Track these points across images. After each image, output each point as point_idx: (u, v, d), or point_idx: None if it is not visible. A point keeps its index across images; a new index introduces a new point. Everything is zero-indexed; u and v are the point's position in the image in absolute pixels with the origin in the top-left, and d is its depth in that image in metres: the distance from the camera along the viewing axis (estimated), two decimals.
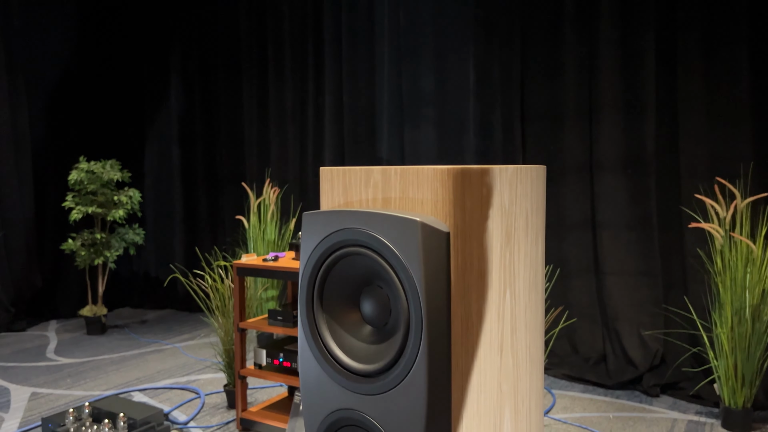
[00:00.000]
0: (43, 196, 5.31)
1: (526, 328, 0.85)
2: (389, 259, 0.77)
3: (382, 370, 0.78)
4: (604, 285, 3.67)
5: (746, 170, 3.24)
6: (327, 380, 0.81)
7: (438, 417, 0.75)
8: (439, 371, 0.75)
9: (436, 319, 0.75)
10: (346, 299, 0.83)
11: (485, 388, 0.79)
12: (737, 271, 2.88)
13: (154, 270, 5.79)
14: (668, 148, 3.50)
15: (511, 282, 0.83)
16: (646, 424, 3.01)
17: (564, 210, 3.82)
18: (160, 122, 5.65)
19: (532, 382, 0.86)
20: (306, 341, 0.85)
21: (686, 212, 3.40)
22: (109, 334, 4.80)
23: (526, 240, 0.84)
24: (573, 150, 3.77)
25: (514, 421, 0.83)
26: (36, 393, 3.52)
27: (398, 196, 0.78)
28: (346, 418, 0.83)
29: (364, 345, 0.81)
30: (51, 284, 5.40)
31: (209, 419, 3.12)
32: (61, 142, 5.42)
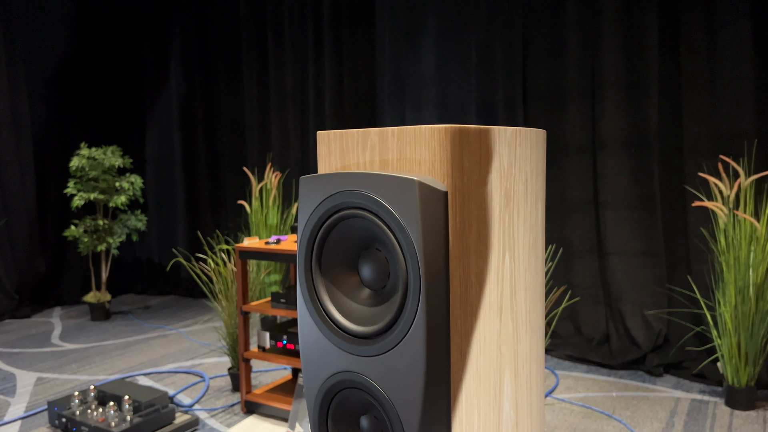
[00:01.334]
0: (44, 183, 5.32)
1: (525, 292, 0.85)
2: (387, 220, 0.76)
3: (380, 332, 0.78)
4: (607, 265, 3.67)
5: (750, 148, 3.22)
6: (326, 344, 0.81)
7: (437, 377, 0.75)
8: (438, 331, 0.75)
9: (435, 279, 0.74)
10: (345, 263, 0.83)
11: (485, 350, 0.79)
12: (741, 249, 2.87)
13: (157, 256, 5.80)
14: (671, 127, 3.48)
15: (511, 245, 0.82)
16: (649, 403, 3.02)
17: (566, 190, 3.80)
18: (161, 108, 5.63)
19: (533, 346, 0.86)
20: (305, 305, 0.84)
21: (689, 191, 3.39)
22: (113, 320, 4.82)
23: (525, 203, 0.83)
24: (575, 130, 3.75)
25: (515, 384, 0.83)
26: (41, 378, 3.54)
27: (396, 157, 0.77)
28: (346, 381, 0.82)
29: (362, 308, 0.81)
30: (54, 271, 5.42)
31: (214, 402, 3.14)
32: (62, 128, 5.41)
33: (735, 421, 2.79)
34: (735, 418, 2.82)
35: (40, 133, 5.27)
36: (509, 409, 0.82)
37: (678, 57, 3.42)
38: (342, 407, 0.84)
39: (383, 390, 0.75)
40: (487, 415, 0.80)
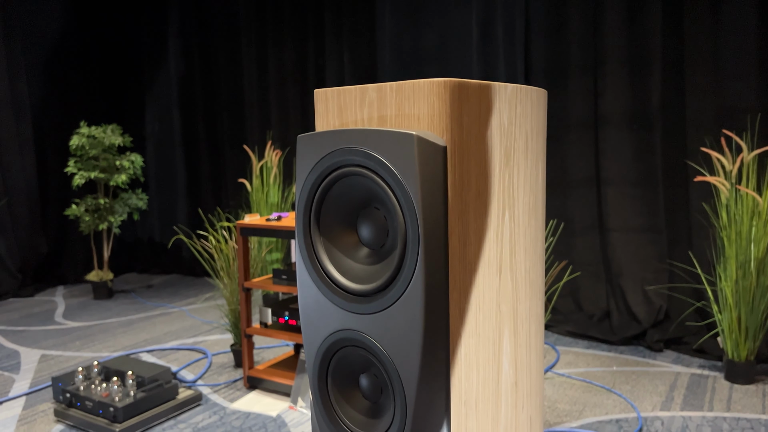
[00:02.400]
0: (45, 162, 5.31)
1: (525, 252, 0.84)
2: (385, 176, 0.75)
3: (379, 289, 0.78)
4: (608, 242, 3.66)
5: (753, 123, 3.20)
6: (325, 303, 0.81)
7: (436, 333, 0.74)
8: (436, 288, 0.75)
9: (433, 235, 0.74)
10: (343, 222, 0.82)
11: (483, 308, 0.79)
12: (743, 224, 2.87)
13: (158, 235, 5.81)
14: (674, 103, 3.45)
15: (511, 204, 0.81)
16: (649, 377, 3.04)
17: (568, 167, 3.79)
18: (160, 86, 5.60)
19: (532, 307, 0.86)
20: (304, 265, 0.84)
21: (692, 167, 3.37)
22: (115, 299, 4.84)
23: (525, 163, 0.82)
24: (577, 106, 3.72)
25: (514, 344, 0.83)
26: (45, 355, 3.56)
27: (394, 113, 0.76)
28: (345, 339, 0.82)
29: (361, 266, 0.81)
30: (56, 250, 5.43)
31: (217, 378, 3.16)
32: (61, 107, 5.39)
33: (734, 395, 2.81)
34: (734, 392, 2.84)
35: (39, 112, 5.25)
36: (508, 368, 0.82)
37: (681, 31, 3.39)
38: (341, 366, 0.84)
39: (382, 347, 0.75)
40: (486, 373, 0.80)
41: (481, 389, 0.80)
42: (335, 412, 0.83)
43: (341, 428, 0.82)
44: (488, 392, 0.80)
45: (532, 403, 0.87)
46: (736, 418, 2.58)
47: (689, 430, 2.49)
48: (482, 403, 0.81)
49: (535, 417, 0.89)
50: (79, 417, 2.60)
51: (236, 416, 2.71)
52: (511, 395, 0.83)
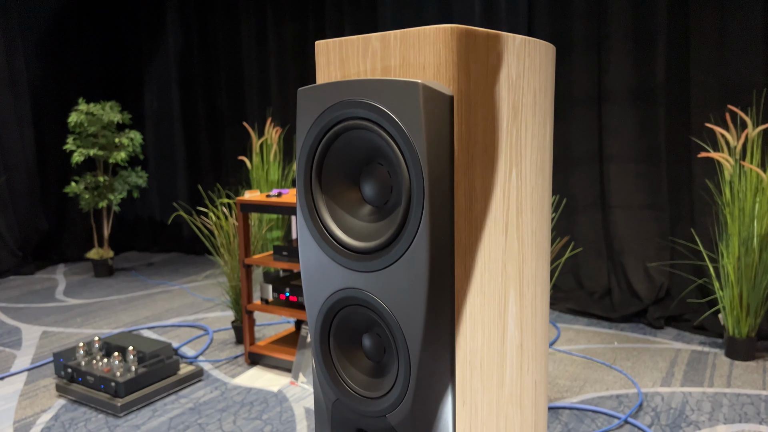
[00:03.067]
0: (43, 140, 5.28)
1: (532, 211, 0.82)
2: (388, 128, 0.73)
3: (383, 246, 0.76)
4: (610, 219, 3.65)
5: (759, 98, 3.16)
6: (327, 262, 0.79)
7: (440, 290, 0.73)
8: (442, 244, 0.73)
9: (439, 189, 0.71)
10: (346, 179, 0.80)
11: (489, 267, 0.77)
12: (746, 201, 2.85)
13: (158, 213, 5.79)
14: (679, 79, 3.41)
15: (518, 161, 0.79)
16: (649, 354, 3.04)
17: (571, 143, 3.76)
18: (159, 63, 5.54)
19: (538, 268, 0.84)
20: (305, 224, 0.82)
21: (695, 144, 3.34)
22: (116, 277, 4.84)
23: (533, 120, 0.80)
24: (581, 81, 3.68)
25: (519, 305, 0.81)
26: (47, 332, 3.57)
27: (398, 63, 0.74)
28: (348, 298, 0.81)
29: (364, 224, 0.79)
30: (56, 228, 5.42)
31: (218, 354, 3.16)
32: (59, 84, 5.34)
33: (735, 371, 2.81)
34: (735, 368, 2.84)
35: (37, 89, 5.20)
36: (514, 329, 0.80)
37: (686, 7, 3.34)
38: (344, 326, 0.82)
39: (386, 305, 0.73)
40: (491, 333, 0.79)
41: (486, 349, 0.78)
42: (338, 372, 0.82)
43: (344, 389, 0.81)
44: (493, 353, 0.79)
45: (537, 367, 0.86)
46: (736, 393, 2.58)
47: (689, 405, 2.49)
48: (487, 364, 0.79)
49: (540, 382, 0.88)
50: (81, 392, 2.61)
51: (237, 391, 2.72)
52: (516, 357, 0.82)
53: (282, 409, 2.54)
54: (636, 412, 2.44)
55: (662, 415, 2.41)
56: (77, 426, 2.43)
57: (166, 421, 2.46)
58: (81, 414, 2.53)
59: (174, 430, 2.38)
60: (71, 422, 2.46)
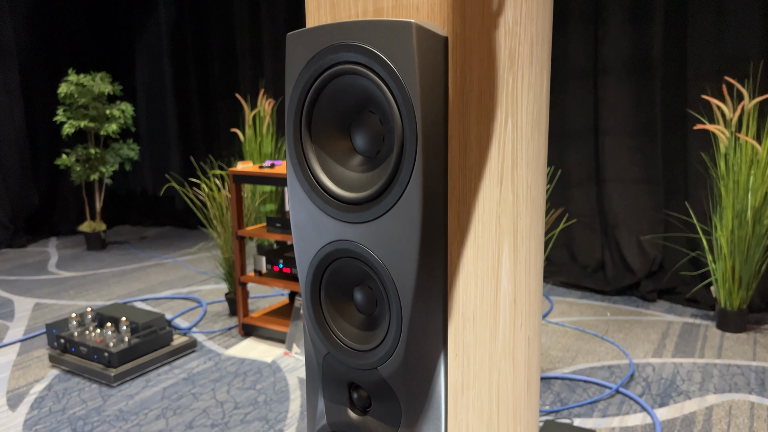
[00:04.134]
0: (33, 112, 5.21)
1: (527, 165, 0.81)
2: (380, 71, 0.71)
3: (375, 195, 0.74)
4: (604, 192, 3.64)
5: (756, 70, 3.14)
6: (317, 214, 0.78)
7: (433, 241, 0.72)
8: (434, 193, 0.71)
9: (432, 136, 0.70)
10: (336, 128, 0.78)
11: (483, 219, 0.76)
12: (741, 173, 2.84)
13: (151, 187, 5.75)
14: (675, 51, 3.38)
15: (514, 111, 0.78)
16: (642, 326, 3.06)
17: (566, 117, 3.74)
18: (149, 34, 5.45)
19: (533, 225, 0.83)
20: (295, 175, 0.80)
21: (691, 117, 3.32)
22: (109, 250, 4.82)
23: (530, 70, 0.78)
24: (577, 54, 3.65)
25: (513, 260, 0.80)
26: (39, 303, 3.56)
27: (391, 4, 0.72)
28: (338, 250, 0.79)
29: (355, 174, 0.77)
30: (48, 202, 5.38)
31: (211, 326, 3.17)
32: (49, 54, 5.25)
33: (725, 343, 2.83)
34: (726, 340, 2.86)
35: (25, 60, 5.12)
36: (507, 284, 0.79)
37: None
38: (335, 279, 0.81)
39: (377, 256, 0.72)
40: (485, 286, 0.78)
41: (479, 302, 0.78)
42: (329, 326, 0.81)
43: (335, 342, 0.80)
44: (486, 306, 0.78)
45: (530, 324, 0.85)
46: (726, 364, 2.61)
47: (680, 375, 2.51)
48: (480, 317, 0.79)
49: (533, 338, 0.87)
50: (74, 362, 2.61)
51: (231, 362, 2.72)
52: (509, 312, 0.81)
53: (275, 379, 2.55)
54: (627, 382, 2.46)
55: (653, 385, 2.43)
56: (71, 395, 2.43)
57: (159, 390, 2.47)
58: (74, 384, 2.53)
59: (168, 400, 2.39)
60: (65, 392, 2.46)
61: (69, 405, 2.36)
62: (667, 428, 2.12)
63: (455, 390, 0.77)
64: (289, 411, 2.29)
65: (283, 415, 2.26)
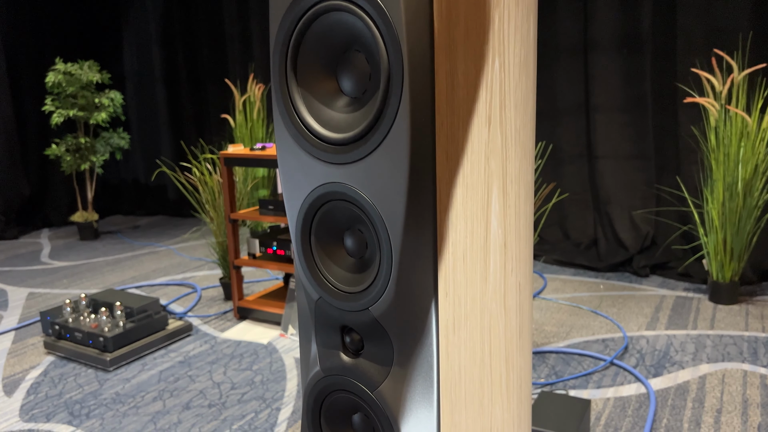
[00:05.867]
0: (21, 102, 5.16)
1: (515, 108, 0.81)
2: (364, 5, 0.70)
3: (362, 134, 0.74)
4: (596, 169, 3.65)
5: (745, 43, 3.14)
6: (305, 159, 0.77)
7: (422, 177, 0.71)
8: (422, 129, 0.71)
9: (419, 69, 0.69)
10: (322, 69, 0.78)
11: (471, 159, 0.76)
12: (731, 146, 2.85)
13: (142, 176, 5.73)
14: (665, 26, 3.37)
15: (501, 52, 0.77)
16: (635, 300, 3.08)
17: (557, 94, 3.73)
18: (137, 21, 5.40)
19: (522, 169, 0.83)
20: (281, 120, 0.80)
21: (681, 92, 3.33)
22: (102, 239, 4.81)
23: (516, 10, 0.78)
24: (566, 30, 3.64)
25: (503, 203, 0.80)
26: (33, 293, 3.55)
27: None
28: (328, 193, 0.79)
29: (342, 115, 0.77)
30: (39, 193, 5.35)
31: (206, 310, 3.17)
32: (35, 44, 5.20)
33: (718, 314, 2.86)
34: (718, 312, 2.89)
35: (12, 49, 5.06)
36: (497, 227, 0.79)
37: None
38: (325, 223, 0.81)
39: (366, 195, 0.72)
40: (474, 227, 0.78)
41: (469, 243, 0.78)
42: (320, 271, 0.81)
43: (326, 287, 0.81)
44: (476, 247, 0.78)
45: (521, 270, 0.85)
46: (719, 335, 2.63)
47: (673, 347, 2.54)
48: (470, 258, 0.79)
49: (525, 285, 0.87)
50: (69, 348, 2.61)
51: (227, 344, 2.73)
52: (500, 256, 0.81)
53: (272, 360, 2.55)
54: (621, 355, 2.48)
55: (647, 357, 2.45)
56: (67, 380, 2.43)
57: (156, 374, 2.47)
58: (70, 369, 2.53)
59: (164, 382, 2.39)
60: (61, 377, 2.46)
61: (65, 390, 2.36)
62: (661, 397, 2.14)
63: (446, 329, 0.77)
64: (286, 390, 2.30)
65: (280, 393, 2.27)
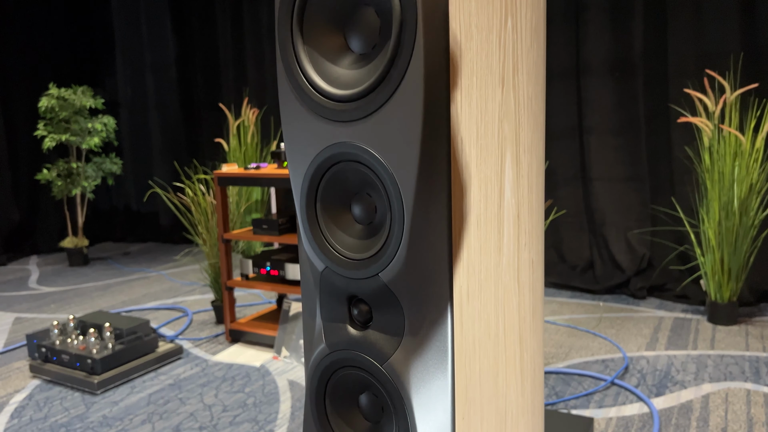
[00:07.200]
0: (13, 126, 5.13)
1: (527, 75, 0.78)
2: None
3: (372, 87, 0.70)
4: (591, 191, 3.65)
5: (736, 63, 3.18)
6: (312, 120, 0.73)
7: (436, 133, 0.67)
8: (436, 78, 0.67)
9: (432, 19, 0.66)
10: (329, 26, 0.75)
11: (485, 119, 0.72)
12: (725, 165, 2.86)
13: (134, 203, 5.68)
14: (656, 49, 3.41)
15: (514, 12, 0.75)
16: (633, 322, 3.04)
17: (550, 117, 3.75)
18: (132, 49, 5.43)
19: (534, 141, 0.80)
20: (287, 78, 0.77)
21: (674, 113, 3.35)
22: (91, 265, 4.73)
23: None
24: (559, 54, 3.68)
25: (516, 173, 0.77)
26: (20, 318, 3.47)
27: None
28: (336, 155, 0.75)
29: (350, 71, 0.73)
30: (29, 219, 5.29)
31: (197, 333, 3.10)
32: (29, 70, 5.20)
33: (718, 335, 2.82)
34: (718, 332, 2.85)
35: (5, 74, 5.06)
36: (510, 196, 0.76)
37: None
38: (332, 188, 0.77)
39: (377, 153, 0.68)
40: (488, 192, 0.74)
41: (483, 208, 0.74)
42: (325, 239, 0.77)
43: (332, 255, 0.76)
44: (490, 214, 0.75)
45: (533, 246, 0.82)
46: (720, 355, 2.59)
47: (674, 366, 2.49)
48: (484, 224, 0.75)
49: (537, 264, 0.84)
50: (56, 371, 2.53)
51: (219, 367, 2.66)
52: (513, 227, 0.78)
53: (265, 382, 2.49)
54: (622, 375, 2.43)
55: (648, 377, 2.41)
56: (52, 404, 2.35)
57: (145, 396, 2.39)
58: (56, 393, 2.45)
59: (154, 405, 2.31)
60: (46, 401, 2.38)
61: (51, 413, 2.28)
62: (665, 416, 2.09)
63: (460, 296, 0.73)
64: (280, 412, 2.23)
65: (273, 416, 2.20)
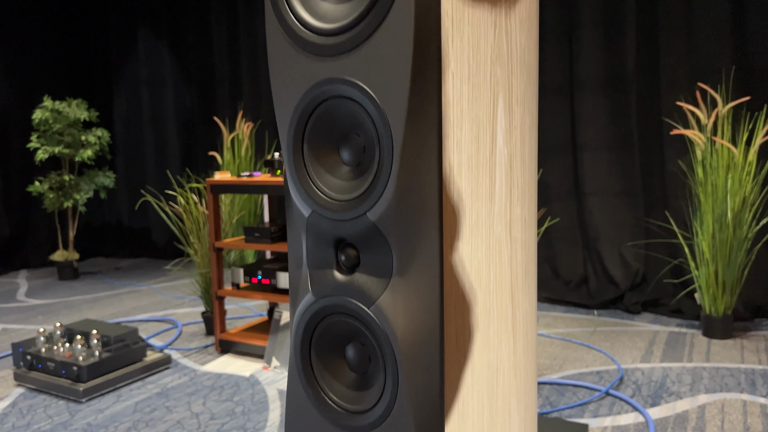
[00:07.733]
0: (7, 139, 5.12)
1: (520, 23, 0.76)
2: None
3: (361, 16, 0.67)
4: (584, 207, 3.64)
5: (728, 77, 3.20)
6: (300, 58, 0.71)
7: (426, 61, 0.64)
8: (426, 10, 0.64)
9: None
10: None
11: (477, 58, 0.70)
12: (718, 177, 2.86)
13: (126, 218, 5.65)
14: (649, 65, 3.45)
15: None
16: (628, 336, 3.01)
17: (543, 133, 3.77)
18: (128, 63, 5.45)
19: (527, 94, 0.78)
20: (273, 12, 0.75)
21: (667, 129, 3.37)
22: (82, 279, 4.68)
23: None
24: (552, 70, 3.70)
25: (508, 122, 0.75)
26: (6, 328, 3.41)
27: None
28: (325, 91, 0.72)
29: (337, 6, 0.70)
30: (19, 233, 5.24)
31: (187, 344, 3.05)
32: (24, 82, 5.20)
33: (713, 348, 2.80)
34: (713, 346, 2.83)
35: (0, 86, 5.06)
36: (503, 145, 0.74)
37: None
38: (318, 128, 0.74)
39: (366, 85, 0.65)
40: (480, 133, 0.72)
41: (474, 149, 0.72)
42: (312, 181, 0.74)
43: (318, 197, 0.74)
44: (482, 158, 0.73)
45: (526, 204, 0.80)
46: (715, 367, 2.56)
47: (670, 378, 2.46)
48: (476, 166, 0.73)
49: (530, 222, 0.82)
50: (41, 379, 2.48)
51: (207, 377, 2.61)
52: (505, 178, 0.76)
53: (254, 392, 2.44)
54: (617, 385, 2.40)
55: (643, 388, 2.38)
56: (36, 412, 2.29)
57: (131, 405, 2.34)
58: (40, 401, 2.39)
59: (140, 413, 2.26)
60: (29, 408, 2.32)
61: (34, 420, 2.22)
62: (661, 426, 2.05)
63: (451, 237, 0.71)
64: (269, 420, 2.18)
65: (262, 424, 2.15)
